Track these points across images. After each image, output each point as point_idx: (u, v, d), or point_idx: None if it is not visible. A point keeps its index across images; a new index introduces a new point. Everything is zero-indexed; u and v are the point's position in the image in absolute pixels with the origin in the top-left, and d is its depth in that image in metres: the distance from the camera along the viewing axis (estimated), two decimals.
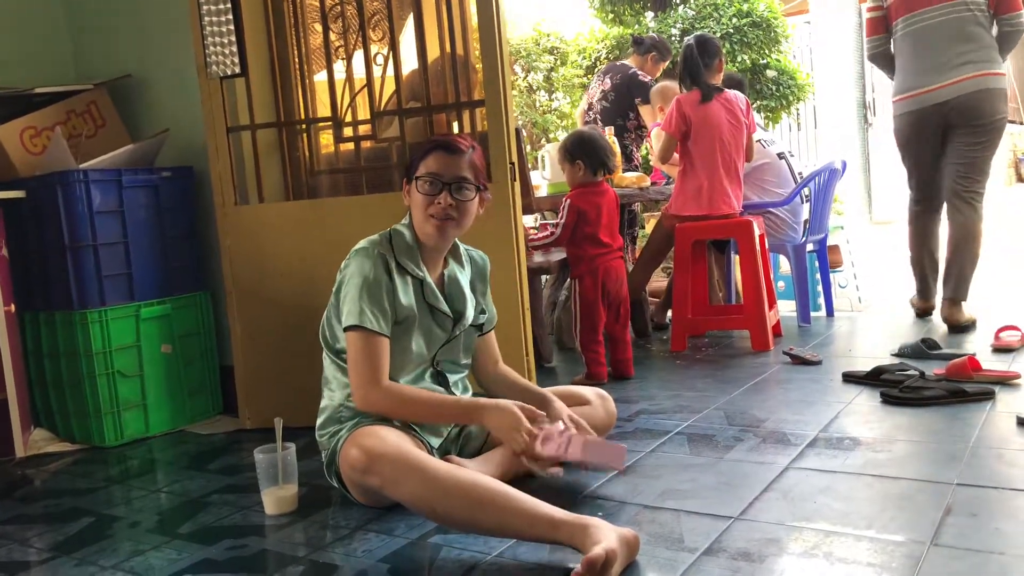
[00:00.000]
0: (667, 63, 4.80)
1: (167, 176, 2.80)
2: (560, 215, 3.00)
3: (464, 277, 2.05)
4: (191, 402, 2.85)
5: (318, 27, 2.80)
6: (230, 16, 2.57)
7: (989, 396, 2.40)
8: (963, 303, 3.50)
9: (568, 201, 3.00)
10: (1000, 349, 3.02)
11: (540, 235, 3.10)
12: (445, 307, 1.97)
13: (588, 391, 2.16)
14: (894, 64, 3.63)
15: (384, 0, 2.66)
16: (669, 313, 3.98)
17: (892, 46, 3.64)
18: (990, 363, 2.76)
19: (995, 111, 3.42)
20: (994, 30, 3.45)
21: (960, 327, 3.46)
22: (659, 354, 3.51)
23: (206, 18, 2.59)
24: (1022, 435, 2.07)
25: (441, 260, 2.01)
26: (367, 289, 1.84)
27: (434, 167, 1.89)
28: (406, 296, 1.91)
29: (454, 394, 2.01)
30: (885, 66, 3.72)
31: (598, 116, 4.66)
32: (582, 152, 3.01)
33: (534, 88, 6.58)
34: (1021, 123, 10.60)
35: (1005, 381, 2.56)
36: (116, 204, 2.66)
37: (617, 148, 3.60)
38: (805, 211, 3.91)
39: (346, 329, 1.85)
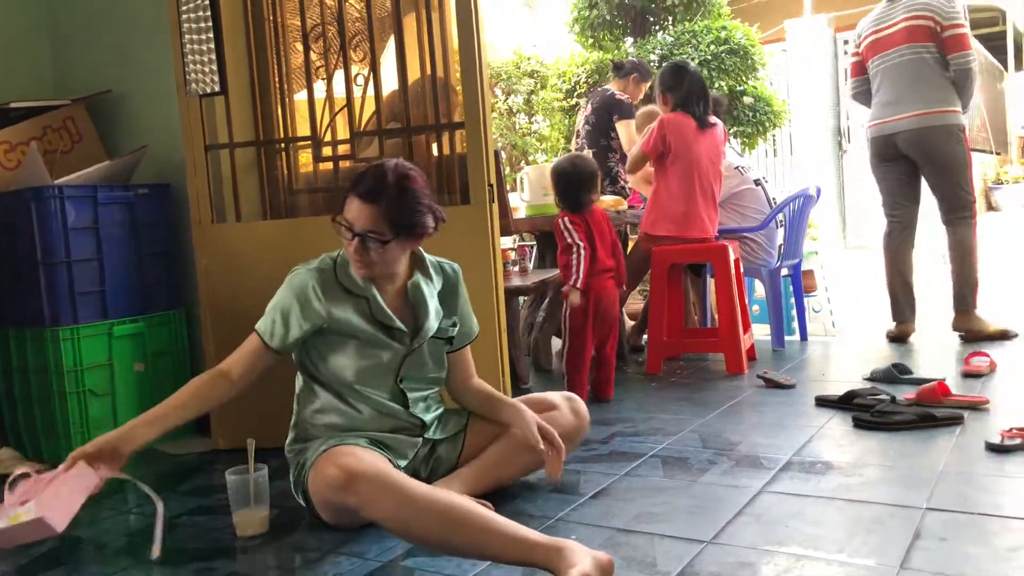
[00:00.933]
0: (648, 84, 4.85)
1: (143, 193, 2.79)
2: (567, 236, 2.95)
3: (430, 288, 2.01)
4: None
5: (299, 47, 2.80)
6: (211, 35, 2.57)
7: (958, 421, 2.44)
8: (973, 311, 3.74)
9: (566, 218, 2.97)
10: (970, 374, 3.06)
11: (570, 268, 2.96)
12: (397, 323, 1.93)
13: (555, 396, 2.17)
14: None
15: (365, 21, 2.68)
16: (645, 335, 4.00)
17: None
18: (960, 388, 2.80)
19: (941, 146, 3.70)
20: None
21: (979, 335, 3.68)
22: (635, 376, 3.52)
23: (187, 36, 2.59)
24: (990, 460, 2.10)
25: (397, 276, 1.97)
26: (280, 306, 1.91)
27: (349, 214, 1.85)
28: (343, 311, 1.90)
29: (414, 413, 1.99)
30: (865, 103, 4.04)
31: (584, 142, 4.70)
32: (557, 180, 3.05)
33: (514, 111, 6.63)
34: (991, 152, 10.81)
35: (974, 406, 2.59)
36: (91, 220, 2.64)
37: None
38: (780, 236, 3.96)
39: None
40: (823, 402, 2.76)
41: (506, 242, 4.01)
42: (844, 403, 2.69)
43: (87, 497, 1.65)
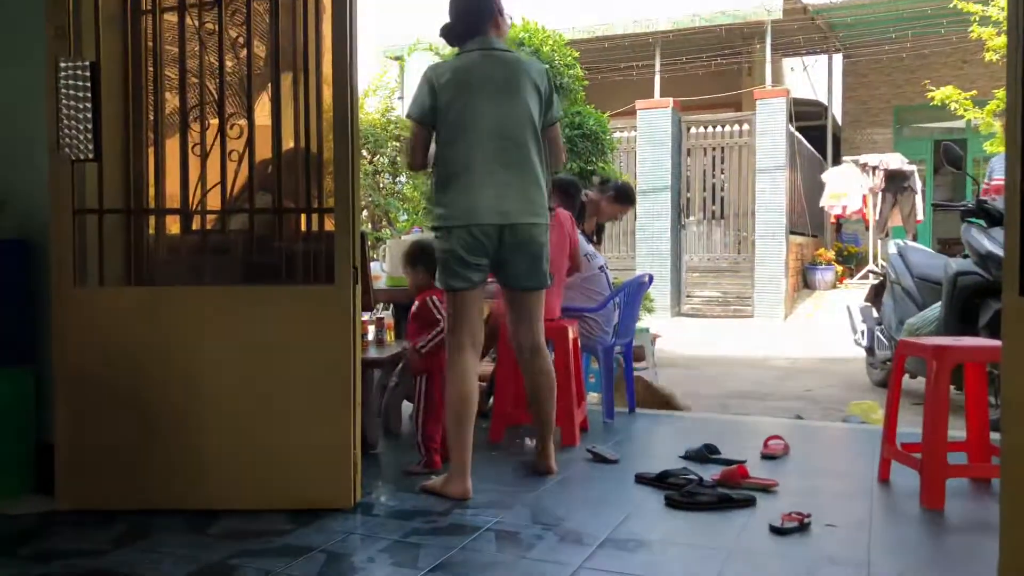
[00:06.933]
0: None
1: None
2: (435, 311, 3.23)
3: None
4: None
5: (176, 118, 2.89)
6: (88, 103, 2.63)
7: (751, 503, 2.82)
8: None
9: (434, 296, 3.24)
10: (767, 456, 3.50)
11: (425, 336, 3.23)
12: None
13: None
14: None
15: (242, 105, 2.81)
16: (491, 400, 4.25)
17: None
18: (757, 470, 3.21)
19: None
20: None
21: None
22: (478, 444, 3.73)
23: (63, 101, 2.63)
24: (771, 541, 2.47)
25: None
26: None
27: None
28: None
29: None
30: None
31: None
32: (423, 258, 3.27)
33: (379, 170, 6.81)
34: (808, 235, 11.99)
35: (766, 489, 2.99)
36: None
37: None
38: (615, 316, 4.34)
39: None
40: (641, 479, 3.09)
41: (366, 316, 4.18)
42: (659, 482, 3.03)
43: None
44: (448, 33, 2.99)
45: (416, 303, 3.33)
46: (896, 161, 11.18)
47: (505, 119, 2.86)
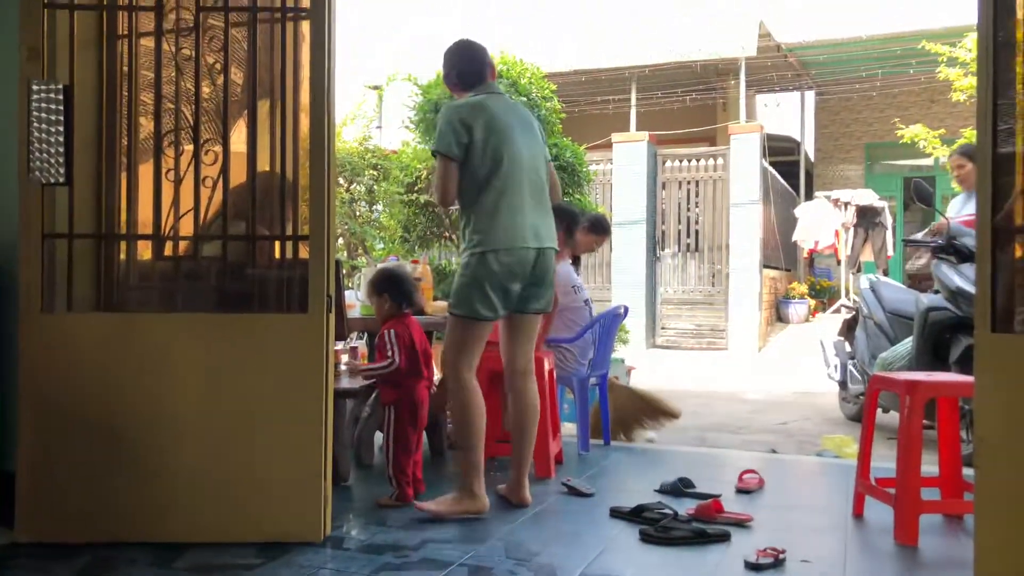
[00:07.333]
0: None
1: None
2: (388, 347, 3.18)
3: None
4: None
5: (151, 143, 2.86)
6: (61, 127, 2.60)
7: (726, 538, 2.80)
8: None
9: (392, 330, 3.20)
10: (742, 490, 3.49)
11: (375, 364, 3.21)
12: None
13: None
14: None
15: (218, 131, 2.79)
16: None
17: None
18: (732, 504, 3.19)
19: None
20: None
21: None
22: (451, 476, 3.70)
23: (35, 124, 2.60)
24: None
25: None
26: None
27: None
28: None
29: None
30: None
31: None
32: (388, 286, 3.24)
33: (356, 198, 6.79)
34: (782, 269, 12.11)
35: (741, 524, 2.98)
36: None
37: (430, 281, 3.85)
38: (592, 349, 4.33)
39: None
40: (616, 513, 3.07)
41: (339, 344, 4.14)
42: (634, 516, 3.00)
43: None
44: (460, 78, 3.21)
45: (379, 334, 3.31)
46: (867, 197, 11.35)
47: (531, 153, 3.13)
